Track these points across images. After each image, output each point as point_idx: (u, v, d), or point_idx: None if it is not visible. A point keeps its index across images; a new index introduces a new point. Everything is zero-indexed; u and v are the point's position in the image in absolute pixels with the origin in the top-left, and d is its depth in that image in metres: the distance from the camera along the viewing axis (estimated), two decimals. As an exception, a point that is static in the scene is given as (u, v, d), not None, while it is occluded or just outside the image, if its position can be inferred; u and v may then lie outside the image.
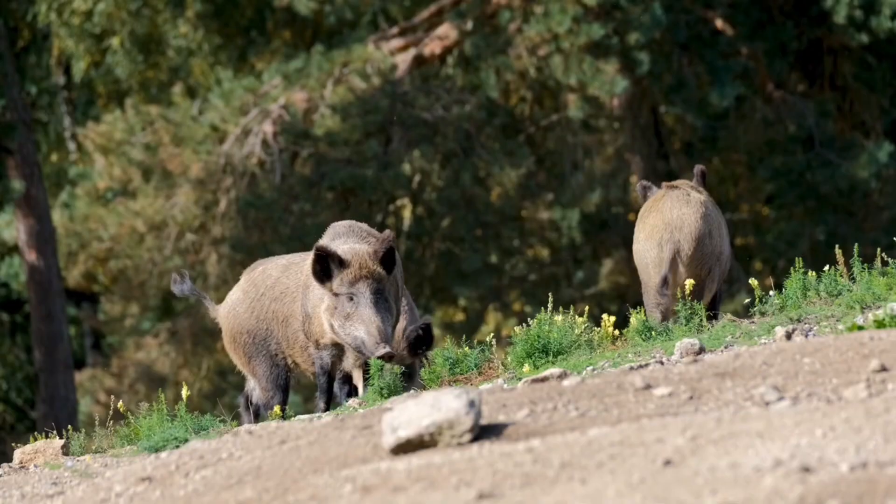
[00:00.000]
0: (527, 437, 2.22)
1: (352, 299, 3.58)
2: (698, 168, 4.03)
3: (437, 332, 10.33)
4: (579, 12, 8.63)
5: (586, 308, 3.99)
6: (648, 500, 1.82)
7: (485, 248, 9.39)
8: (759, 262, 9.49)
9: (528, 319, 3.83)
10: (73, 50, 9.87)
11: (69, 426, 3.96)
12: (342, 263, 3.59)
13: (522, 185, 9.31)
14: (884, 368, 2.45)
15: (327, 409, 3.75)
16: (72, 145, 10.92)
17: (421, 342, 3.73)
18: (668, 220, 3.89)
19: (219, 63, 9.74)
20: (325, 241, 3.74)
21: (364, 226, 3.79)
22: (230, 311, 3.94)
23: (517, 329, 3.74)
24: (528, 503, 1.87)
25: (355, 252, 3.61)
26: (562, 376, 3.02)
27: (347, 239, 3.71)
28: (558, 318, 3.66)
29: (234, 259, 9.19)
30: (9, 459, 3.69)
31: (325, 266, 3.59)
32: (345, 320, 3.60)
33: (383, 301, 3.58)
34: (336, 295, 3.59)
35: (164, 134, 9.22)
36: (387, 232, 3.68)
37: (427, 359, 3.75)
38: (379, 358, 3.51)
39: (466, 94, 9.16)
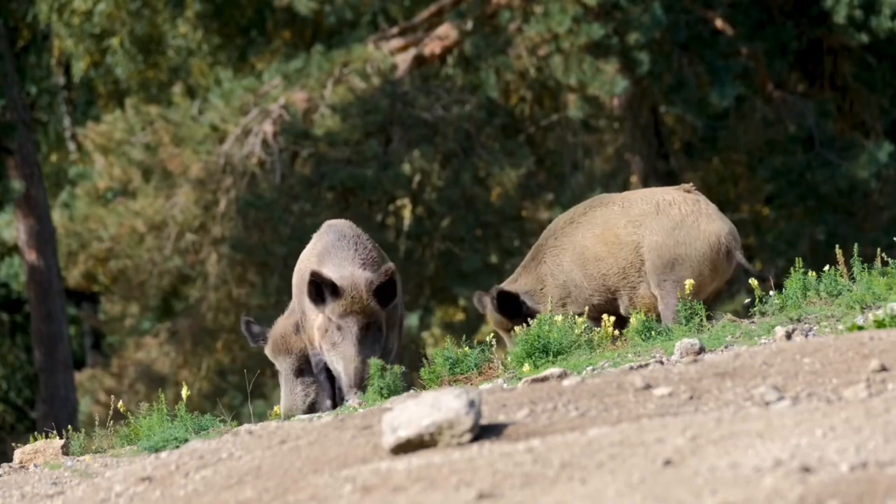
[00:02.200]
0: (527, 437, 2.22)
1: (340, 329, 3.52)
2: None
3: (437, 331, 10.31)
4: (579, 12, 8.63)
5: (586, 308, 3.98)
6: (648, 500, 1.81)
7: (485, 249, 9.39)
8: (758, 262, 9.49)
9: (528, 319, 3.82)
10: (73, 50, 9.87)
11: (69, 426, 3.96)
12: (335, 292, 3.51)
13: (522, 185, 9.31)
14: (884, 368, 2.45)
15: (334, 405, 3.70)
16: (72, 145, 10.92)
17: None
18: (730, 229, 3.86)
19: (219, 63, 9.74)
20: (321, 245, 3.64)
21: (362, 234, 3.66)
22: None
23: (517, 329, 3.74)
24: (528, 503, 1.87)
25: (351, 283, 3.51)
26: (562, 376, 3.01)
27: (345, 251, 3.59)
28: (558, 318, 3.65)
29: (234, 259, 9.18)
30: (9, 459, 3.69)
31: (321, 290, 3.52)
32: (331, 347, 3.55)
33: (371, 337, 3.50)
34: (329, 319, 3.54)
35: (163, 134, 9.22)
36: (388, 265, 3.56)
37: (427, 359, 3.75)
38: (350, 404, 3.47)
39: (466, 94, 9.16)
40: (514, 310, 3.89)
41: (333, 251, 3.65)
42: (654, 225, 3.87)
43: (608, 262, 3.88)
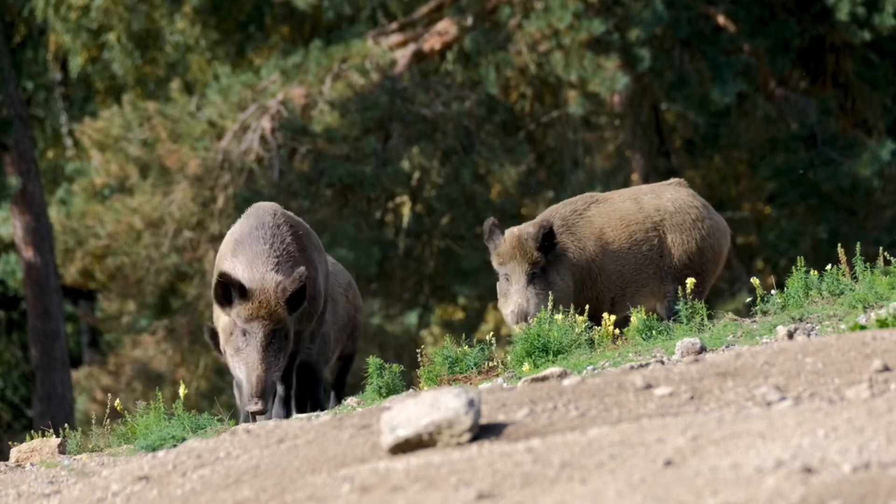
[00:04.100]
0: (527, 437, 2.20)
1: (245, 334, 3.39)
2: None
3: (436, 330, 10.27)
4: (580, 8, 8.61)
5: (587, 306, 3.96)
6: (649, 500, 1.80)
7: (485, 246, 9.35)
8: (760, 260, 9.48)
9: (528, 318, 3.81)
10: (70, 45, 9.84)
11: (66, 424, 3.95)
12: (243, 295, 3.37)
13: (522, 182, 9.29)
14: (886, 368, 2.44)
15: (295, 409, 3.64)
16: (68, 141, 10.88)
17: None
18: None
19: (216, 58, 9.71)
20: (238, 232, 3.45)
21: (284, 223, 3.42)
22: None
23: (517, 328, 3.72)
24: (527, 503, 1.86)
25: (261, 287, 3.36)
26: (562, 375, 3.00)
27: (259, 244, 3.39)
28: (558, 316, 3.63)
29: (233, 256, 9.08)
30: (5, 458, 3.67)
31: (228, 292, 3.38)
32: (235, 352, 3.43)
33: (276, 345, 3.35)
34: (234, 322, 3.41)
35: (161, 130, 9.19)
36: (300, 270, 3.36)
37: (426, 357, 3.70)
38: (250, 413, 3.37)
39: (466, 90, 9.13)
40: (548, 248, 3.76)
41: (248, 243, 3.47)
42: (675, 220, 3.85)
43: (628, 259, 3.85)
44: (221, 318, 3.50)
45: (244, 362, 3.40)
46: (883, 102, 9.36)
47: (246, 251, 3.47)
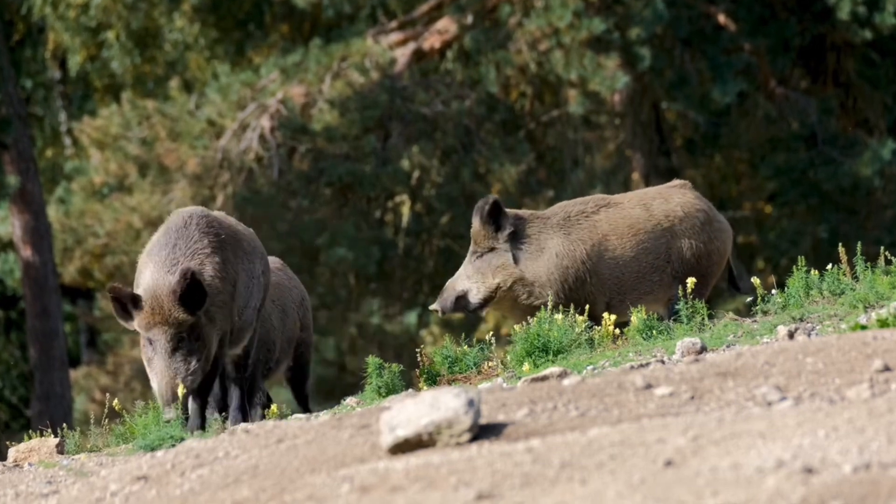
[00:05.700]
0: (526, 437, 2.20)
1: (151, 343, 3.36)
2: None
3: (436, 330, 10.28)
4: (580, 7, 8.61)
5: (587, 306, 3.95)
6: (649, 500, 1.80)
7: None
8: (761, 260, 9.48)
9: (528, 318, 3.80)
10: (69, 44, 9.83)
11: (64, 424, 3.95)
12: (136, 305, 3.33)
13: (522, 181, 9.28)
14: (887, 368, 2.43)
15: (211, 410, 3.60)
16: (67, 140, 10.87)
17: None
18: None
19: (216, 57, 9.69)
20: (152, 240, 3.44)
21: (197, 224, 3.34)
22: None
23: (517, 327, 3.72)
24: (527, 503, 1.85)
25: (153, 293, 3.29)
26: (562, 375, 3.00)
27: (163, 249, 3.35)
28: (558, 316, 3.63)
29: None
30: (3, 458, 3.66)
31: (124, 305, 3.35)
32: (148, 362, 3.41)
33: (184, 348, 3.30)
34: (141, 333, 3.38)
35: (160, 129, 9.18)
36: (184, 267, 3.29)
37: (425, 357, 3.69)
38: (166, 421, 3.36)
39: (466, 89, 9.12)
40: (497, 224, 3.79)
41: (155, 251, 3.44)
42: (685, 226, 3.86)
43: (630, 267, 3.85)
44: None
45: (154, 371, 3.38)
46: (884, 101, 9.36)
47: (153, 260, 3.44)
